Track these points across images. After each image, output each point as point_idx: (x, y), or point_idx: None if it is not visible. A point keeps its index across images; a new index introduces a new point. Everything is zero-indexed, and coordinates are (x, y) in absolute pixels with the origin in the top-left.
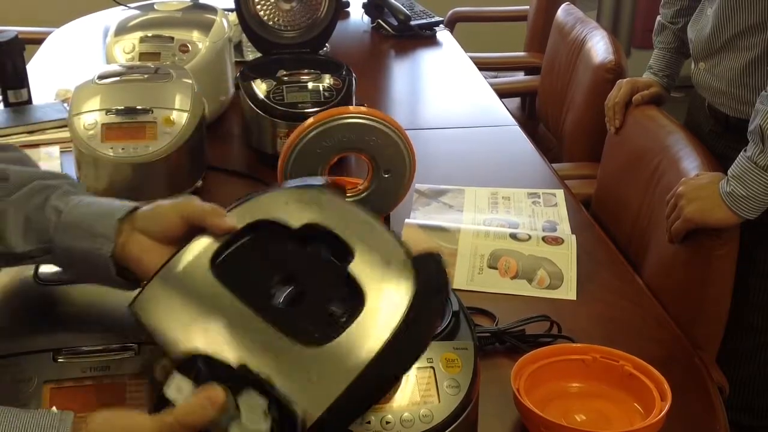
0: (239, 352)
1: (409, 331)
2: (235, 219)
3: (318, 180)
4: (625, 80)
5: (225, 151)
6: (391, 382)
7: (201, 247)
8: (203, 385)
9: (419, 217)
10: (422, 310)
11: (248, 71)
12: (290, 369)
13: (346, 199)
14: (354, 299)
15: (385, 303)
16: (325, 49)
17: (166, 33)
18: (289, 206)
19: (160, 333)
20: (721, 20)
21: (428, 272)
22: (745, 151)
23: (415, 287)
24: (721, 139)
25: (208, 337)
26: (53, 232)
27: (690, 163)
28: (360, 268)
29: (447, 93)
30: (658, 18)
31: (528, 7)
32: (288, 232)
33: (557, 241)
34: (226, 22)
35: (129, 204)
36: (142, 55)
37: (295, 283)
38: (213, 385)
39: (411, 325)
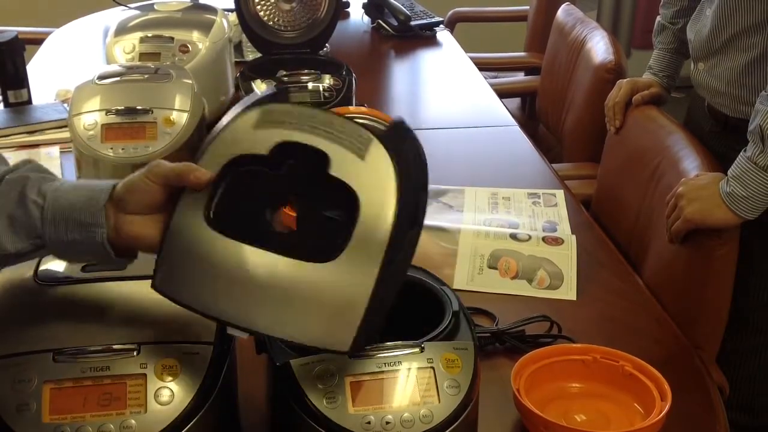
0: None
1: (406, 204)
2: (209, 168)
3: (266, 91)
4: (625, 80)
5: None
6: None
7: (190, 207)
8: None
9: None
10: (408, 185)
11: (248, 71)
12: (319, 288)
13: (294, 104)
14: (347, 199)
15: (377, 192)
16: (325, 49)
17: (166, 33)
18: (250, 133)
19: (183, 298)
20: (720, 20)
21: (400, 145)
22: (745, 151)
23: (396, 167)
24: (720, 140)
25: (234, 294)
26: (41, 227)
27: (690, 163)
28: (340, 169)
29: (447, 93)
30: (658, 18)
31: (528, 7)
32: (261, 160)
33: (557, 241)
34: (226, 23)
35: (106, 185)
36: (142, 56)
37: (288, 205)
38: None
39: (405, 198)
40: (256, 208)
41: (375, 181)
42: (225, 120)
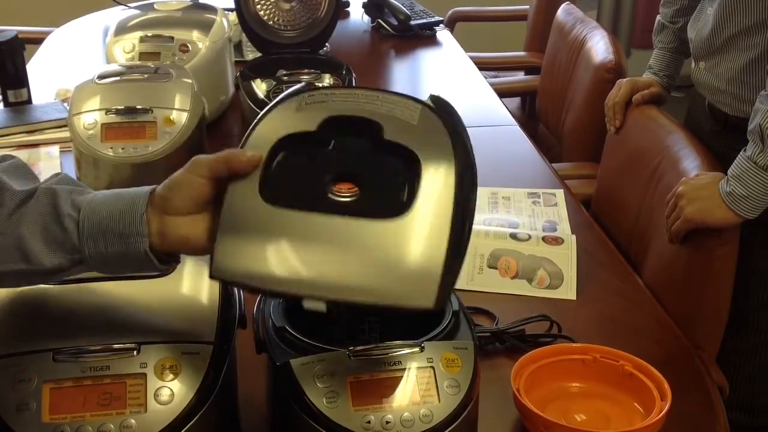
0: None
1: (464, 161)
2: (255, 151)
3: (299, 87)
4: (625, 80)
5: None
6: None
7: (243, 188)
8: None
9: None
10: (462, 144)
11: (248, 71)
12: (394, 245)
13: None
14: (406, 161)
15: (435, 150)
16: (325, 48)
17: (166, 33)
18: (294, 117)
19: (252, 279)
20: (721, 19)
21: (448, 110)
22: (745, 150)
23: (448, 126)
24: (720, 139)
25: (307, 265)
26: (78, 242)
27: (690, 163)
28: (394, 133)
29: (447, 93)
30: (658, 17)
31: (528, 6)
32: (310, 137)
33: (557, 241)
34: (226, 22)
35: (143, 191)
36: (142, 55)
37: (346, 174)
38: None
39: (462, 155)
40: (311, 183)
41: (431, 140)
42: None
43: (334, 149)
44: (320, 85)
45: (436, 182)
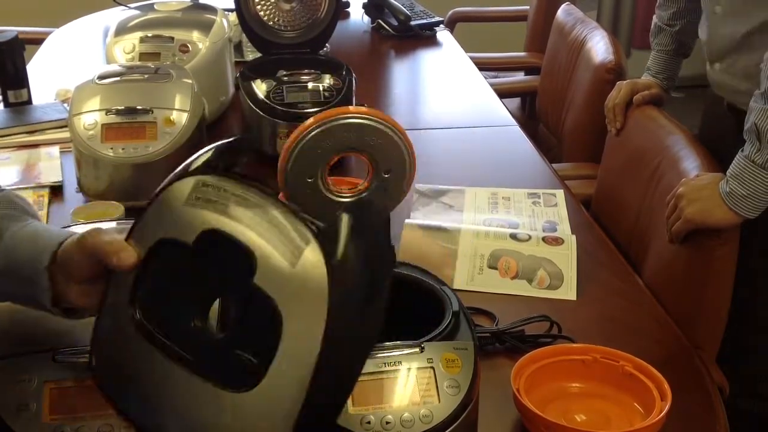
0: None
1: (339, 319)
2: (136, 248)
3: (225, 142)
4: (624, 82)
5: None
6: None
7: (118, 296)
8: None
9: (419, 218)
10: (346, 297)
11: (248, 71)
12: (239, 418)
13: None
14: (271, 320)
15: (304, 309)
16: (325, 49)
17: (166, 33)
18: (179, 214)
19: (119, 407)
20: (733, 19)
21: (347, 243)
22: (743, 150)
23: (331, 277)
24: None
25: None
26: None
27: (690, 163)
28: (265, 278)
29: (447, 93)
30: (654, 20)
31: (528, 7)
32: (186, 249)
33: (557, 241)
34: (226, 22)
35: (53, 243)
36: (142, 55)
37: (209, 310)
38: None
39: (339, 313)
40: (183, 303)
41: (303, 296)
42: (178, 170)
43: (209, 269)
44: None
45: (295, 349)
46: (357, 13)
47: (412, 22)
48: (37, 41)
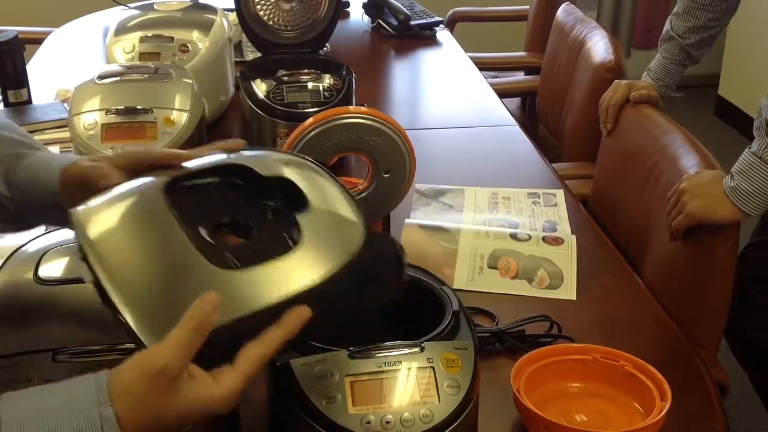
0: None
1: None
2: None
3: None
4: (622, 82)
5: None
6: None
7: (159, 175)
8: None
9: (419, 217)
10: (353, 276)
11: (248, 71)
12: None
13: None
14: (291, 239)
15: (320, 250)
16: (325, 49)
17: (166, 33)
18: (266, 160)
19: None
20: None
21: (377, 243)
22: (750, 147)
23: (360, 246)
24: None
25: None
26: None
27: (688, 161)
28: (309, 221)
29: (447, 93)
30: (667, 27)
31: (528, 7)
32: (255, 180)
33: (557, 241)
34: (226, 22)
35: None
36: (142, 55)
37: (238, 224)
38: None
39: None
40: (213, 211)
41: (331, 235)
42: None
43: (259, 200)
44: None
45: (294, 269)
46: (357, 13)
47: (412, 22)
48: (37, 41)
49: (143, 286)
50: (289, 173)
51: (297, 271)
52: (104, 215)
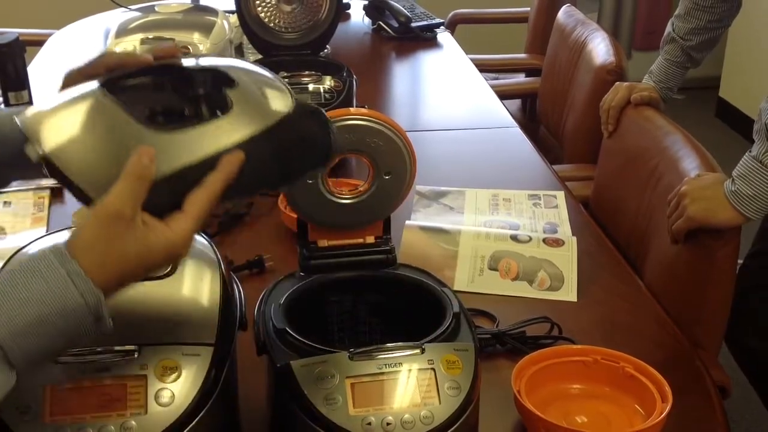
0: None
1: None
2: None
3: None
4: (623, 84)
5: None
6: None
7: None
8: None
9: (420, 219)
10: (274, 141)
11: None
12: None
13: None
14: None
15: (249, 113)
16: (325, 50)
17: (167, 35)
18: (196, 59)
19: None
20: None
21: (307, 109)
22: (750, 151)
23: (291, 108)
24: None
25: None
26: None
27: (689, 163)
28: (238, 94)
29: (448, 95)
30: (669, 28)
31: (529, 8)
32: (185, 74)
33: (558, 242)
34: (227, 24)
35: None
36: None
37: (173, 111)
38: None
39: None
40: (149, 97)
41: (259, 108)
42: None
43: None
44: None
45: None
46: (358, 15)
47: (413, 24)
48: (38, 43)
49: (88, 155)
50: (216, 62)
51: (230, 129)
52: (47, 105)
